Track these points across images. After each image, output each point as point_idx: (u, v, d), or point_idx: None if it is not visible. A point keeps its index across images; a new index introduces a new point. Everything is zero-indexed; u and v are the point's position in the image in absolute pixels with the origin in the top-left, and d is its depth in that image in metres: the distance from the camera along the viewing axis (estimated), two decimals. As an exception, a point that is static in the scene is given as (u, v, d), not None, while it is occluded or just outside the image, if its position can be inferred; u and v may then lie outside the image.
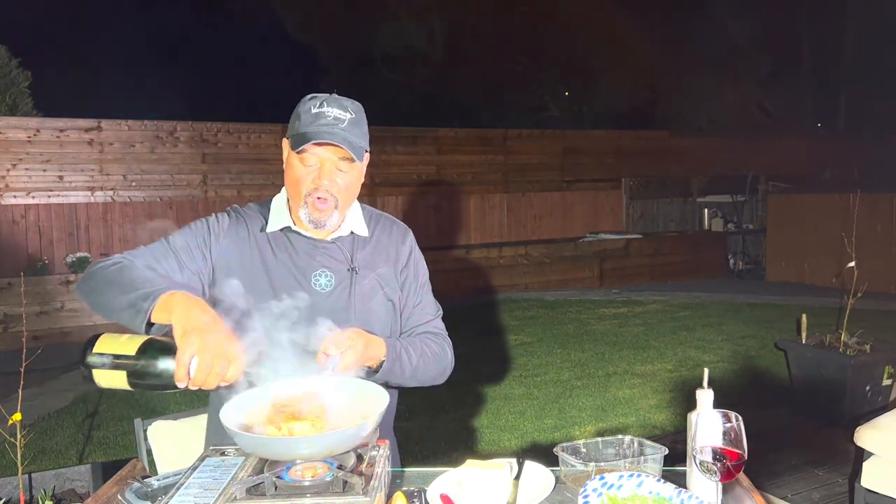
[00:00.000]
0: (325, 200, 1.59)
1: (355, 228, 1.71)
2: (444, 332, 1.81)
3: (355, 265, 1.68)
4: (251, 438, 1.21)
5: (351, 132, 1.58)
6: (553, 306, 8.08)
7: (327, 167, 1.59)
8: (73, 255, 7.15)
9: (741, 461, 1.16)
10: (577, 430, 4.16)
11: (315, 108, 1.58)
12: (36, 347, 1.97)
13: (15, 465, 1.23)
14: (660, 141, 11.71)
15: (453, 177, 9.85)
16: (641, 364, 5.56)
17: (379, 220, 1.79)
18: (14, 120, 7.44)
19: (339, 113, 1.58)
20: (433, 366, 1.71)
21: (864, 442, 2.82)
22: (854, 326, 4.25)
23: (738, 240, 10.63)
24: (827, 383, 4.08)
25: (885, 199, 8.33)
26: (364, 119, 1.65)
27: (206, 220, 1.68)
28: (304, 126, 1.57)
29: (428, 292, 1.81)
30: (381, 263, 1.72)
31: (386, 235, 1.76)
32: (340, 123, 1.57)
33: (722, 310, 7.67)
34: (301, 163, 1.59)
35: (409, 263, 1.77)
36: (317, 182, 1.59)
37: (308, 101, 1.61)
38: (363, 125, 1.64)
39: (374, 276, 1.69)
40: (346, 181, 1.61)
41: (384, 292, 1.70)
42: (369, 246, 1.72)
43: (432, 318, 1.79)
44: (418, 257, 1.80)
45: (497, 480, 1.28)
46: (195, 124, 8.20)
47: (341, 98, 1.62)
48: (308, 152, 1.57)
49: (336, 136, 1.55)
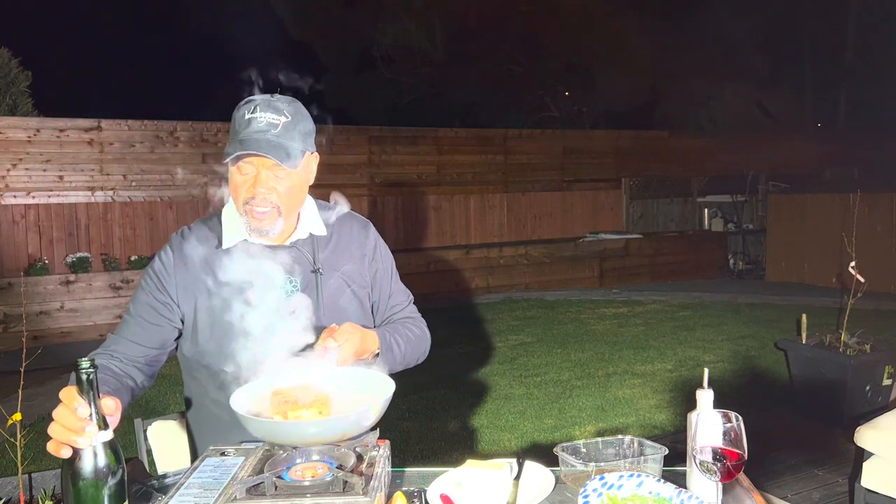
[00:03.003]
0: (263, 211, 1.55)
1: (313, 229, 1.69)
2: (418, 314, 1.87)
3: (318, 266, 1.66)
4: (261, 423, 1.23)
5: (284, 136, 1.52)
6: (553, 306, 8.08)
7: (263, 175, 1.53)
8: (73, 255, 7.15)
9: (741, 461, 1.16)
10: (577, 430, 4.16)
11: (248, 113, 1.53)
12: (36, 347, 1.97)
13: (15, 465, 1.23)
14: (660, 141, 11.71)
15: (453, 177, 9.84)
16: (641, 364, 5.56)
17: (337, 217, 1.76)
18: (14, 120, 7.44)
19: (273, 117, 1.52)
20: (417, 348, 1.78)
21: (864, 442, 2.82)
22: (854, 326, 4.25)
23: (738, 240, 10.63)
24: (827, 383, 4.08)
25: (885, 199, 8.33)
26: (304, 118, 1.60)
27: (150, 269, 1.65)
28: (236, 134, 1.53)
29: (397, 280, 1.86)
30: (346, 261, 1.72)
31: (347, 232, 1.76)
32: (273, 129, 1.51)
33: (722, 310, 7.67)
34: (238, 172, 1.56)
35: (375, 257, 1.78)
36: (252, 190, 1.54)
37: (242, 106, 1.56)
38: (302, 124, 1.58)
39: (338, 274, 1.69)
40: (286, 186, 1.56)
41: (351, 289, 1.71)
42: (331, 245, 1.71)
43: (407, 304, 1.86)
44: (383, 248, 1.82)
45: (497, 480, 1.28)
46: (195, 124, 8.19)
47: (278, 99, 1.57)
48: (242, 161, 1.53)
49: (265, 144, 1.49)
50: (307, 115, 1.63)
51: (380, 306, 1.80)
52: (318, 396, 1.30)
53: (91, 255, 7.32)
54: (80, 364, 1.06)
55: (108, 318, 6.91)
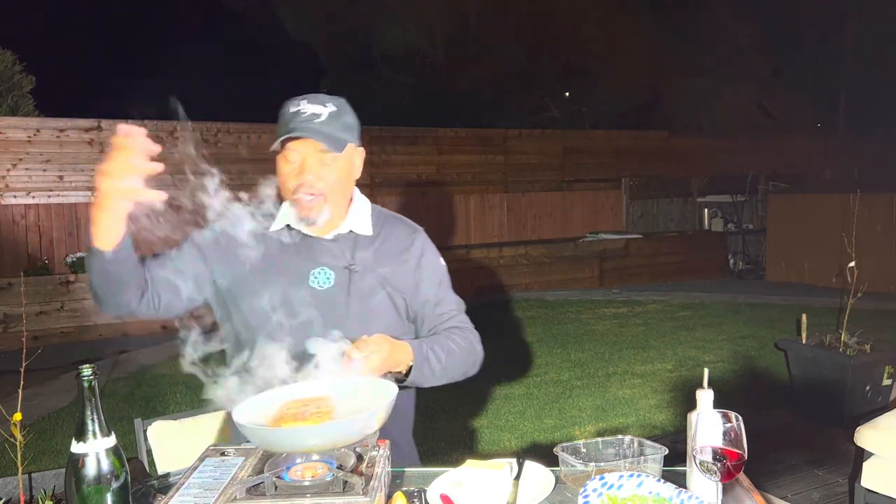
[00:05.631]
0: (311, 198, 1.58)
1: (356, 227, 1.69)
2: (469, 324, 1.77)
3: (354, 264, 1.66)
4: (256, 430, 1.22)
5: (329, 125, 1.57)
6: (553, 306, 8.08)
7: (309, 161, 1.58)
8: (73, 255, 7.15)
9: (741, 461, 1.16)
10: (577, 430, 4.16)
11: (294, 106, 1.60)
12: (36, 347, 1.97)
13: (15, 465, 1.23)
14: (660, 141, 11.71)
15: (453, 177, 9.84)
16: (641, 364, 5.56)
17: (388, 221, 1.76)
18: (14, 120, 7.44)
19: (317, 108, 1.58)
20: (462, 361, 1.69)
21: (864, 442, 2.82)
22: (854, 326, 4.24)
23: (738, 240, 10.63)
24: (827, 383, 4.08)
25: (885, 199, 8.33)
26: (347, 112, 1.64)
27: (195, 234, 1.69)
28: (283, 126, 1.59)
29: (447, 289, 1.78)
30: (386, 264, 1.69)
31: (393, 237, 1.73)
32: (317, 118, 1.57)
33: (722, 310, 7.67)
34: (284, 160, 1.60)
35: (421, 262, 1.73)
36: (300, 178, 1.58)
37: (289, 102, 1.62)
38: (346, 117, 1.63)
39: (374, 275, 1.67)
40: (333, 175, 1.60)
41: (386, 292, 1.68)
42: (373, 246, 1.70)
43: (455, 314, 1.76)
44: (431, 256, 1.77)
45: (497, 480, 1.28)
46: (195, 124, 8.20)
47: (321, 95, 1.63)
48: (288, 149, 1.58)
49: (309, 129, 1.55)
50: (350, 111, 1.66)
51: (426, 314, 1.73)
52: (319, 411, 1.27)
53: (91, 255, 7.31)
54: (82, 371, 1.07)
55: (108, 318, 6.89)
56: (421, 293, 1.72)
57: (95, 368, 1.07)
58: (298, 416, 1.24)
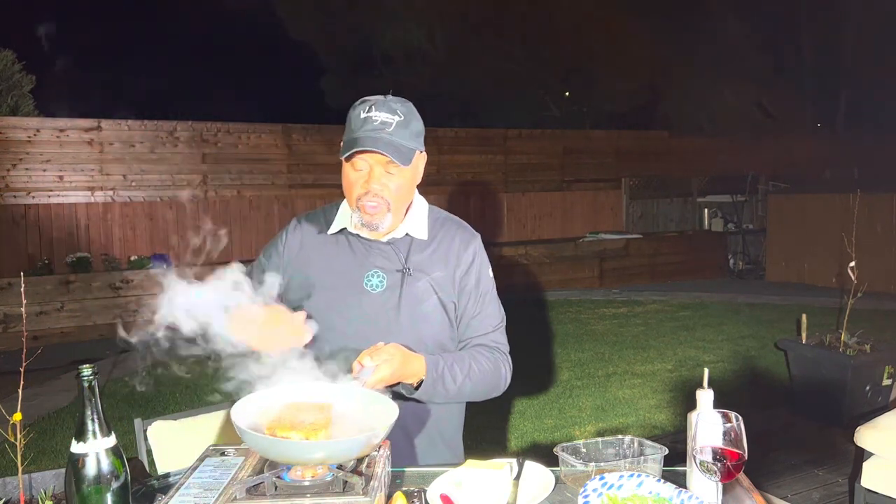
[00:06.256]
0: (374, 205, 1.60)
1: (412, 231, 1.70)
2: (502, 345, 1.73)
3: (408, 267, 1.67)
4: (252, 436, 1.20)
5: (398, 135, 1.58)
6: (553, 306, 8.08)
7: (377, 171, 1.59)
8: (73, 255, 7.15)
9: (741, 461, 1.16)
10: (577, 430, 4.16)
11: (364, 112, 1.59)
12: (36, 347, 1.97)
13: (15, 465, 1.23)
14: (660, 141, 11.71)
15: (453, 177, 9.85)
16: (641, 364, 5.56)
17: (444, 224, 1.75)
18: (14, 120, 7.44)
19: (387, 117, 1.58)
20: (482, 384, 1.66)
21: (864, 442, 2.82)
22: (854, 326, 4.24)
23: (738, 240, 10.63)
24: (827, 383, 4.08)
25: (885, 199, 8.33)
26: (414, 118, 1.64)
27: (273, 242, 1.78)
28: (352, 132, 1.59)
29: (490, 303, 1.74)
30: (439, 268, 1.69)
31: (448, 240, 1.72)
32: (387, 128, 1.57)
33: (722, 310, 7.67)
34: (352, 168, 1.61)
35: (470, 270, 1.71)
36: (366, 186, 1.60)
37: (358, 105, 1.63)
38: (413, 125, 1.63)
39: (427, 279, 1.67)
40: (397, 183, 1.61)
41: (438, 297, 1.67)
42: (428, 249, 1.70)
43: (490, 331, 1.72)
44: (483, 266, 1.75)
45: (497, 480, 1.28)
46: (195, 124, 8.20)
47: (391, 100, 1.62)
48: (357, 157, 1.59)
49: (380, 141, 1.55)
50: (418, 116, 1.66)
51: (461, 324, 1.71)
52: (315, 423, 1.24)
53: (91, 255, 7.32)
54: (82, 371, 1.07)
55: (108, 318, 6.89)
56: (462, 301, 1.71)
57: (95, 368, 1.07)
58: (295, 423, 1.22)
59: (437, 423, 1.71)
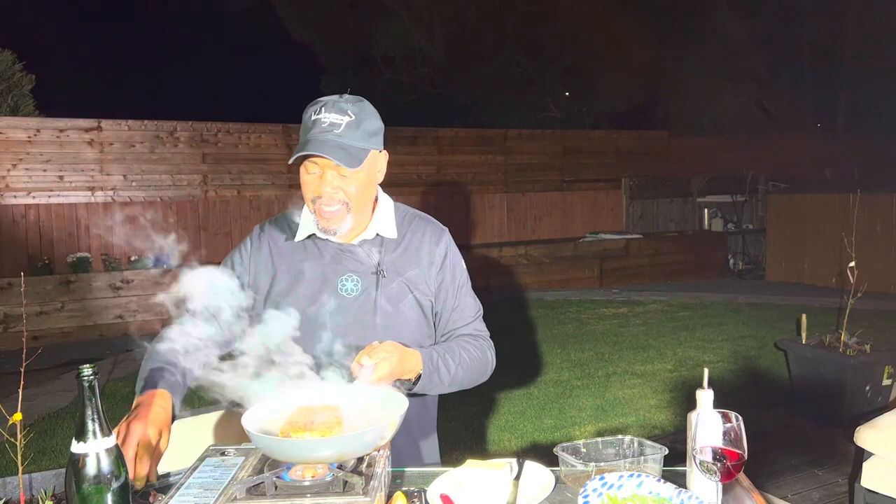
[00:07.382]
0: (332, 210, 1.56)
1: (382, 230, 1.68)
2: (484, 332, 1.77)
3: (381, 268, 1.65)
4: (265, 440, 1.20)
5: (347, 136, 1.53)
6: (553, 306, 8.08)
7: (328, 175, 1.55)
8: (73, 255, 7.15)
9: (741, 461, 1.15)
10: (577, 430, 4.16)
11: (315, 114, 1.56)
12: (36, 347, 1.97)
13: (15, 465, 1.23)
14: (660, 141, 11.72)
15: (453, 177, 9.85)
16: (641, 364, 5.56)
17: (412, 221, 1.73)
18: (14, 120, 7.44)
19: (336, 118, 1.53)
20: (472, 371, 1.69)
21: (864, 442, 2.82)
22: (854, 326, 4.25)
23: (738, 240, 10.63)
24: (827, 383, 4.08)
25: (885, 199, 8.32)
26: (368, 117, 1.59)
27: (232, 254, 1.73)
28: (303, 134, 1.57)
29: (467, 294, 1.76)
30: (412, 266, 1.68)
31: (419, 237, 1.71)
32: (335, 129, 1.53)
33: (722, 310, 7.67)
34: (305, 172, 1.58)
35: (444, 266, 1.71)
36: (319, 189, 1.56)
37: (310, 107, 1.59)
38: (366, 124, 1.58)
39: (402, 279, 1.66)
40: (353, 185, 1.57)
41: (414, 296, 1.67)
42: (399, 248, 1.68)
43: (472, 320, 1.75)
44: (455, 259, 1.75)
45: (497, 480, 1.28)
46: (195, 124, 8.20)
47: (344, 99, 1.58)
48: (308, 161, 1.56)
49: (325, 144, 1.51)
50: (373, 114, 1.61)
51: (442, 318, 1.72)
52: (328, 422, 1.25)
53: (91, 255, 7.32)
54: (82, 371, 1.07)
55: (108, 318, 6.90)
56: (441, 296, 1.71)
57: (95, 368, 1.07)
58: (308, 425, 1.22)
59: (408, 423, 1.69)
